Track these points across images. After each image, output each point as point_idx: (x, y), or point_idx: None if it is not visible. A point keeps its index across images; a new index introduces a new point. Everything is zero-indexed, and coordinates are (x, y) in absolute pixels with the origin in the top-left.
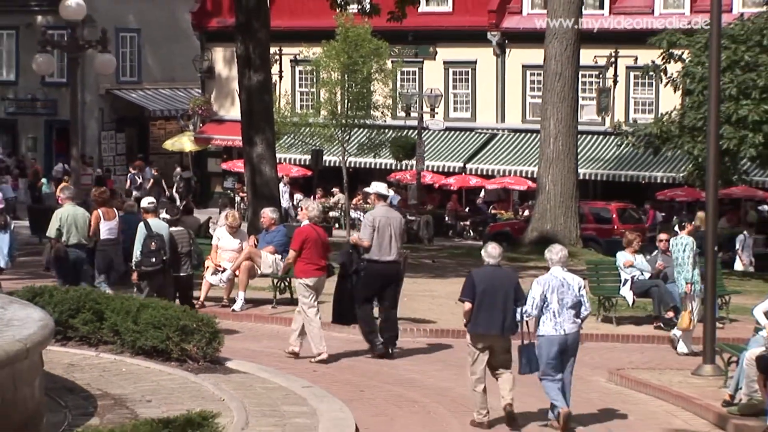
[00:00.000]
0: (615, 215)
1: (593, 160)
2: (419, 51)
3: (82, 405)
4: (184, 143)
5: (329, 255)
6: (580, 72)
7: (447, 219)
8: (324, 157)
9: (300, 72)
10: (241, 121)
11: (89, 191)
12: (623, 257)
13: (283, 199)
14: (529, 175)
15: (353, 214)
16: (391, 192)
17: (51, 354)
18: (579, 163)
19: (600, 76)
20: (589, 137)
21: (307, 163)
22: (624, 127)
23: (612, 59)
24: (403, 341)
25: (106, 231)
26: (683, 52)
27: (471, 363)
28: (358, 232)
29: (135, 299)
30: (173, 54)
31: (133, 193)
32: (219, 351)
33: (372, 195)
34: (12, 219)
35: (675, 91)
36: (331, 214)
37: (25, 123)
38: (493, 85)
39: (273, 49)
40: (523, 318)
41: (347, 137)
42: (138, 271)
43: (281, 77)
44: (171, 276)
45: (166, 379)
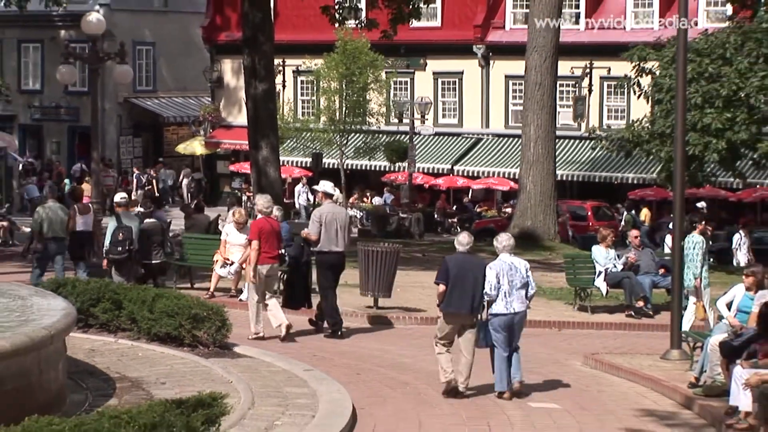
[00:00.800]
0: (590, 213)
1: (570, 162)
2: (411, 63)
3: (101, 387)
4: (195, 147)
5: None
6: (557, 82)
7: (436, 216)
8: (323, 160)
9: (302, 82)
10: (248, 127)
11: (111, 191)
12: (598, 251)
13: (302, 198)
14: (512, 176)
15: (350, 211)
16: (337, 191)
17: (73, 340)
18: (557, 165)
19: (576, 85)
20: (567, 141)
21: (308, 165)
22: (598, 132)
23: (587, 70)
24: (397, 329)
25: (81, 224)
26: (653, 65)
27: (438, 337)
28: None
29: (150, 290)
30: (185, 65)
31: (139, 192)
32: (227, 337)
33: (320, 193)
34: None
35: (647, 102)
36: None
37: (50, 128)
38: (479, 94)
39: (277, 61)
40: (484, 299)
41: (345, 141)
42: (107, 259)
43: (284, 86)
44: (138, 263)
45: (178, 363)
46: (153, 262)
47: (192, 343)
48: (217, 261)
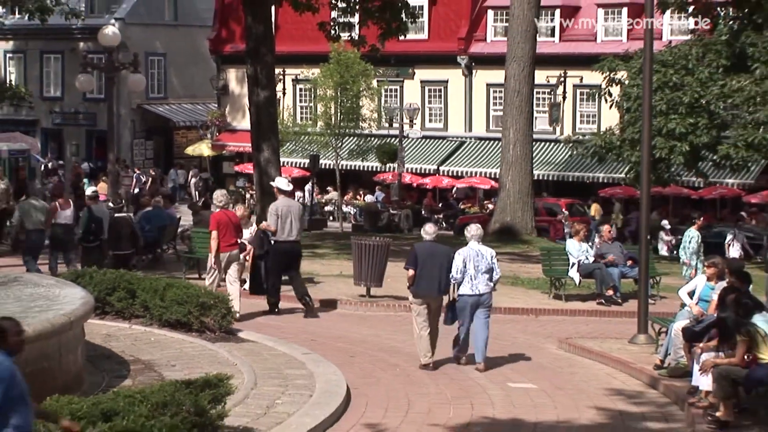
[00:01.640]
0: (564, 209)
1: (546, 163)
2: (400, 72)
3: (117, 369)
4: (202, 149)
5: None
6: (534, 89)
7: (423, 213)
8: (320, 161)
9: (300, 89)
10: (251, 131)
11: (129, 190)
12: (571, 244)
13: (309, 196)
14: (493, 176)
15: (344, 208)
16: (290, 186)
17: (91, 326)
18: (534, 166)
19: (551, 93)
20: (543, 144)
21: (306, 166)
22: (573, 138)
23: (561, 79)
24: (388, 315)
25: (62, 218)
26: (622, 75)
27: (416, 315)
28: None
29: (162, 280)
30: (194, 74)
31: (137, 191)
32: (232, 323)
33: (275, 188)
34: None
35: (618, 111)
36: (327, 208)
37: (70, 132)
38: (462, 101)
39: (277, 70)
40: (450, 281)
41: (340, 144)
42: (83, 246)
43: (284, 94)
44: (107, 251)
45: (187, 347)
46: (122, 252)
47: (200, 329)
48: None
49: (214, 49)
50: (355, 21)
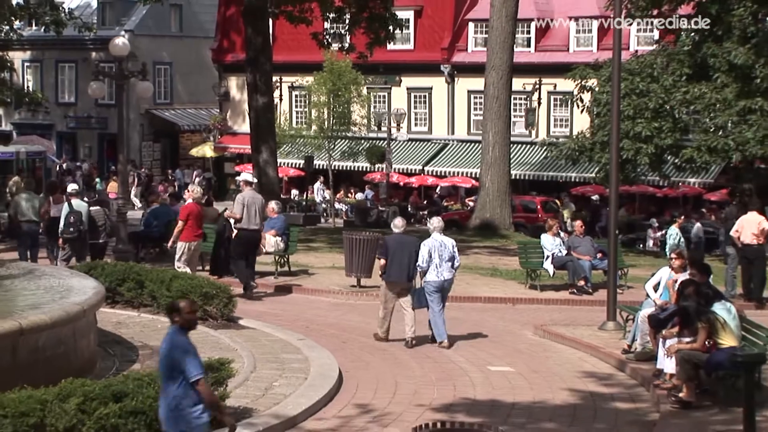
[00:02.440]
0: (539, 206)
1: (522, 163)
2: (388, 80)
3: (126, 354)
4: (206, 151)
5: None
6: (512, 96)
7: (409, 209)
8: (314, 162)
9: (296, 96)
10: (250, 134)
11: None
12: (546, 239)
13: (319, 194)
14: (473, 176)
15: (337, 205)
16: (255, 179)
17: (102, 314)
18: (511, 166)
19: (527, 99)
20: (520, 146)
21: (301, 166)
22: (548, 141)
23: (537, 86)
24: (377, 304)
25: (55, 211)
26: (593, 83)
27: (384, 301)
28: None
29: (168, 272)
30: (197, 82)
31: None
32: (233, 311)
33: (241, 182)
34: None
35: (589, 116)
36: (321, 206)
37: (83, 135)
38: (445, 106)
39: (275, 78)
40: (417, 269)
41: (332, 146)
42: (62, 238)
43: (281, 100)
44: (87, 242)
45: (191, 334)
46: (99, 241)
47: (203, 317)
48: None
49: (216, 59)
50: (346, 31)
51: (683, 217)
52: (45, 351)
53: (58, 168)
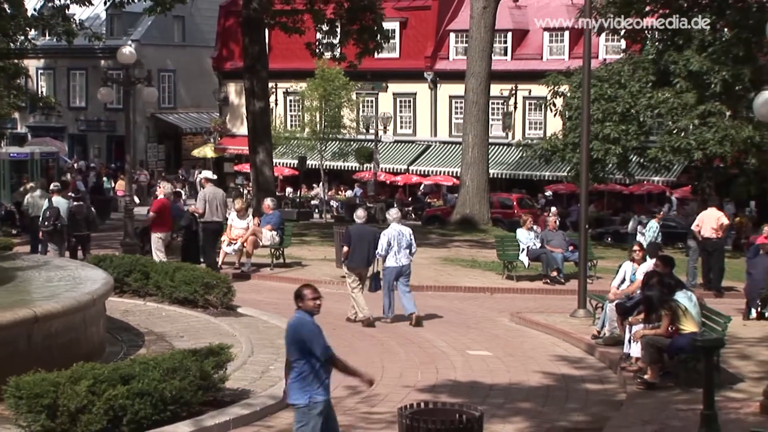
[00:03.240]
0: (515, 203)
1: (500, 163)
2: (375, 86)
3: (133, 339)
4: (207, 151)
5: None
6: (490, 100)
7: (395, 206)
8: (307, 162)
9: (290, 101)
10: (248, 136)
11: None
12: (521, 233)
13: (324, 192)
14: (455, 174)
15: (331, 203)
16: (215, 176)
17: (111, 303)
18: (490, 166)
19: (504, 103)
20: (497, 147)
21: (295, 166)
22: (523, 142)
23: (513, 91)
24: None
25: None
26: (564, 88)
27: (350, 282)
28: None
29: (172, 264)
30: (199, 87)
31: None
32: (232, 300)
33: (202, 179)
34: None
35: (561, 119)
36: (313, 202)
37: (93, 137)
38: (428, 110)
39: (271, 84)
40: (377, 256)
41: (324, 147)
42: (42, 230)
43: (276, 104)
44: (64, 235)
45: (194, 321)
46: (82, 233)
47: (204, 305)
48: (224, 241)
49: (216, 66)
50: (337, 41)
51: (661, 212)
52: (58, 337)
53: (70, 167)
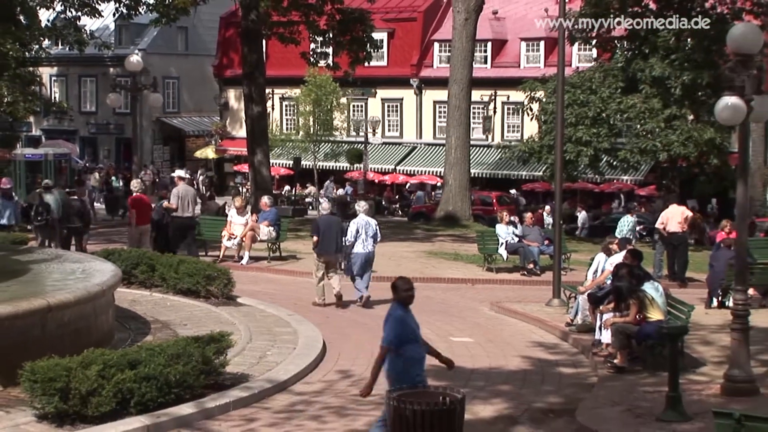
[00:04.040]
0: (494, 200)
1: (480, 163)
2: (365, 91)
3: (140, 327)
4: (208, 153)
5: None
6: (471, 105)
7: (383, 203)
8: (302, 162)
9: (285, 105)
10: (247, 138)
11: (148, 185)
12: (500, 228)
13: (328, 191)
14: (439, 174)
15: (320, 199)
16: (188, 175)
17: (119, 293)
18: (471, 166)
19: (484, 108)
20: (478, 149)
21: (291, 166)
22: (502, 144)
23: (492, 97)
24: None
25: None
26: (540, 94)
27: (316, 270)
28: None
29: (176, 257)
30: (201, 93)
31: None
32: (232, 291)
33: (176, 177)
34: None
35: (537, 123)
36: (307, 200)
37: (102, 140)
38: (414, 114)
39: (267, 90)
40: (346, 243)
41: (317, 148)
42: (34, 224)
43: (273, 109)
44: (56, 228)
45: (196, 310)
46: (72, 226)
47: (206, 295)
48: (224, 236)
49: (217, 73)
50: (330, 51)
51: (636, 208)
52: (70, 325)
53: (81, 167)
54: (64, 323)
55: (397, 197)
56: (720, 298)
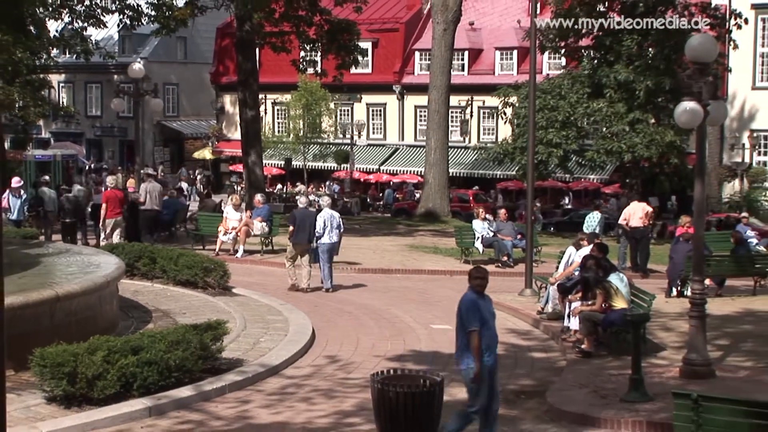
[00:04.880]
0: (471, 197)
1: (458, 163)
2: (351, 97)
3: (142, 316)
4: (205, 154)
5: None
6: (449, 110)
7: (368, 200)
8: (292, 162)
9: (277, 110)
10: (241, 140)
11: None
12: (476, 223)
13: (330, 189)
14: (419, 174)
15: (310, 197)
16: (154, 173)
17: (123, 284)
18: (449, 166)
19: (462, 112)
20: (456, 150)
21: (282, 166)
22: (479, 146)
23: (469, 102)
24: (342, 275)
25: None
26: (514, 99)
27: (289, 257)
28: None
29: (176, 250)
30: (199, 98)
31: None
32: (227, 282)
33: (144, 174)
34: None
35: (511, 126)
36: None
37: (107, 141)
38: (397, 118)
39: (261, 96)
40: (315, 234)
41: (306, 150)
42: (29, 215)
43: (266, 113)
44: (50, 220)
45: (194, 300)
46: (67, 220)
47: (204, 286)
48: (221, 230)
49: (213, 80)
50: (318, 58)
51: (602, 203)
52: (77, 314)
53: (87, 168)
54: (71, 312)
55: (381, 195)
56: (679, 287)
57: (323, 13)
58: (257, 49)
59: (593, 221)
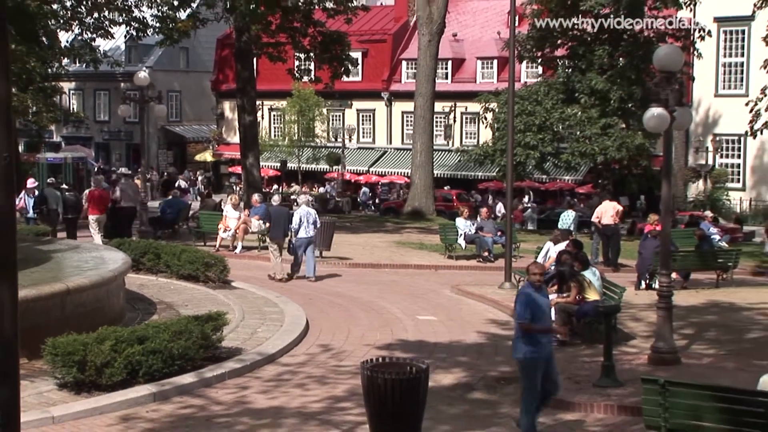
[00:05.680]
0: (455, 197)
1: (442, 165)
2: (342, 103)
3: (147, 308)
4: (206, 156)
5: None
6: (434, 115)
7: (358, 200)
8: (287, 165)
9: (273, 115)
10: (240, 144)
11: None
12: (459, 221)
13: (331, 188)
14: (406, 175)
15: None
16: (129, 172)
17: (129, 278)
18: (434, 167)
19: (445, 117)
20: (440, 152)
21: (278, 168)
22: (461, 148)
23: (452, 108)
24: (334, 270)
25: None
26: (494, 105)
27: (272, 250)
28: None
29: (179, 246)
30: (200, 105)
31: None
32: (227, 276)
33: (119, 174)
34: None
35: (491, 130)
36: (292, 197)
37: (114, 145)
38: (385, 123)
39: (258, 102)
40: (292, 229)
41: (300, 153)
42: (34, 213)
43: (263, 118)
44: (54, 218)
45: (196, 293)
46: (68, 216)
47: (205, 280)
48: (221, 228)
49: (214, 87)
50: (312, 67)
51: (577, 203)
52: (86, 306)
53: (95, 170)
54: (81, 304)
55: (370, 194)
56: (647, 281)
57: (317, 25)
58: (255, 59)
59: (568, 219)
